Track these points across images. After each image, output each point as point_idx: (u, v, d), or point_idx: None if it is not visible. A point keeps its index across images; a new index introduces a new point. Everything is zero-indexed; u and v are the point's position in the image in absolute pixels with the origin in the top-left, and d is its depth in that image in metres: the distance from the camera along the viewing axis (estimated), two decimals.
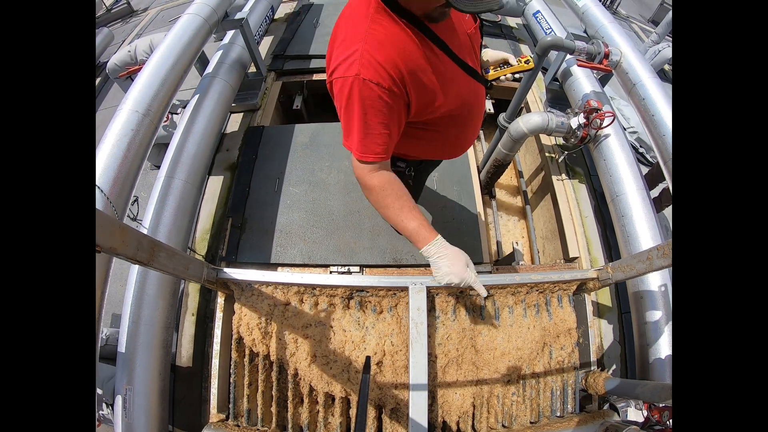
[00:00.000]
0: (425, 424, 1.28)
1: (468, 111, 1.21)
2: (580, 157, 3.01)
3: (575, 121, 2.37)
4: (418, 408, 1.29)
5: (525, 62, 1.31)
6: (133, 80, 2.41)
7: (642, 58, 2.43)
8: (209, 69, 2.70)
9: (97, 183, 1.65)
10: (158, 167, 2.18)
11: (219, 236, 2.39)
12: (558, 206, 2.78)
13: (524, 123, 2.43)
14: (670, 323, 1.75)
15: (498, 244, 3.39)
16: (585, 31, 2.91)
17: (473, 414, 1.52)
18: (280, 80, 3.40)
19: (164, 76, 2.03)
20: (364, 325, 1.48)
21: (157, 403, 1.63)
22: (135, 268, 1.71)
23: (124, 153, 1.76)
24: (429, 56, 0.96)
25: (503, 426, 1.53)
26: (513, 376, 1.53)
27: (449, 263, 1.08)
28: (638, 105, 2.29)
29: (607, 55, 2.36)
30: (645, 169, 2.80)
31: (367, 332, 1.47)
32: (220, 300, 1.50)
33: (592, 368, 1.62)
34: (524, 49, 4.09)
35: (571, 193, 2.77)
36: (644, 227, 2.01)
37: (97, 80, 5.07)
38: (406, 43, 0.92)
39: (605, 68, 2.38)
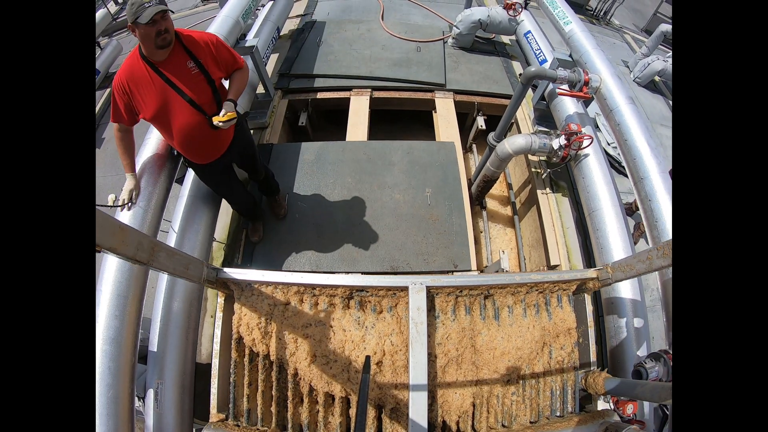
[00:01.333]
0: (425, 423, 1.29)
1: (177, 122, 1.73)
2: (564, 172, 3.21)
3: (557, 143, 2.56)
4: (417, 408, 1.30)
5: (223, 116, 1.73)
6: None
7: (620, 84, 2.60)
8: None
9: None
10: (180, 181, 2.37)
11: (234, 246, 2.59)
12: (542, 217, 3.00)
13: (509, 145, 2.65)
14: (633, 326, 1.96)
15: (489, 251, 3.64)
16: (570, 55, 3.15)
17: (473, 414, 1.51)
18: (286, 98, 3.58)
19: None
20: (364, 324, 1.48)
21: (183, 397, 1.77)
22: (164, 276, 1.91)
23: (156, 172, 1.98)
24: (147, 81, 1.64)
25: (503, 426, 1.52)
26: (513, 376, 1.52)
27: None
28: (614, 129, 2.49)
29: (587, 82, 2.58)
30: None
31: (367, 332, 1.47)
32: (220, 300, 1.51)
33: (592, 368, 1.61)
34: (516, 66, 4.20)
35: (554, 206, 2.99)
36: (617, 240, 2.21)
37: (108, 90, 5.26)
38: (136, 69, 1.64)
39: (584, 95, 2.55)
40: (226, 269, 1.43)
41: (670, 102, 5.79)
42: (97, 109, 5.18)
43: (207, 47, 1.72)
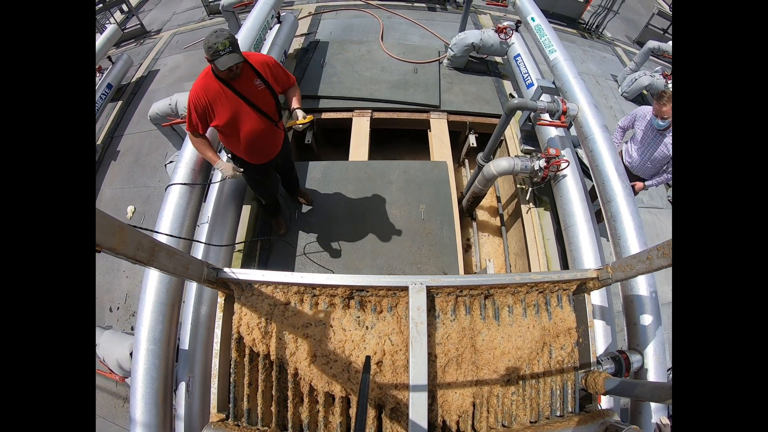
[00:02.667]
0: (425, 423, 1.27)
1: (247, 126, 2.06)
2: (548, 188, 3.53)
3: (537, 165, 2.81)
4: (417, 407, 1.29)
5: (303, 119, 2.18)
6: (175, 130, 2.93)
7: (596, 113, 2.78)
8: None
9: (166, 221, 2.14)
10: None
11: (250, 255, 2.84)
12: (525, 229, 3.29)
13: (494, 167, 2.92)
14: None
15: (478, 258, 3.93)
16: (553, 82, 3.47)
17: (473, 413, 1.50)
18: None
19: None
20: (365, 324, 1.47)
21: (210, 389, 2.11)
22: (193, 285, 2.10)
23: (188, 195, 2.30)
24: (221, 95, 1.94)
25: (503, 425, 1.51)
26: (513, 376, 1.51)
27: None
28: (588, 154, 2.71)
29: (564, 112, 2.87)
30: None
31: (367, 332, 1.46)
32: (220, 300, 1.51)
33: (592, 368, 1.60)
34: (507, 85, 4.45)
35: (536, 219, 3.24)
36: (588, 252, 2.44)
37: (119, 102, 5.56)
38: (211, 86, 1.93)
39: (562, 124, 2.78)
40: (226, 269, 1.44)
41: None
42: (110, 121, 5.46)
43: (269, 68, 2.05)
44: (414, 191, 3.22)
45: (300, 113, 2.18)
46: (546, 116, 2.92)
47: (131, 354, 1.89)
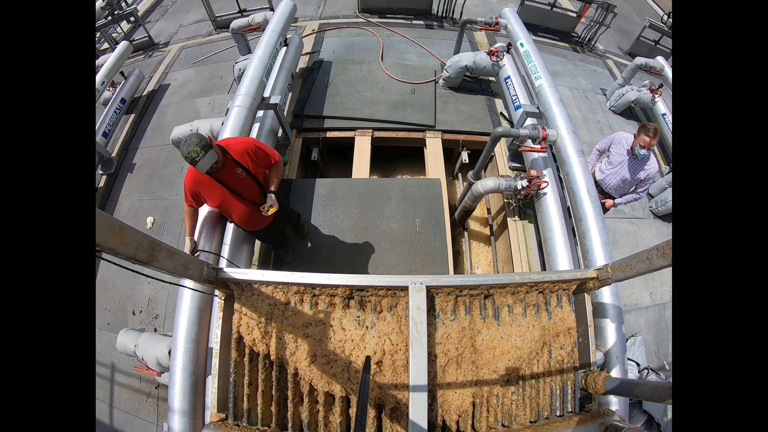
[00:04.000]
0: (425, 423, 1.27)
1: (236, 213, 2.31)
2: (532, 203, 3.94)
3: (520, 184, 3.13)
4: (417, 407, 1.29)
5: (272, 208, 2.27)
6: None
7: (573, 139, 3.05)
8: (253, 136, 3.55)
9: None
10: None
11: (265, 263, 3.17)
12: (510, 239, 3.66)
13: (481, 185, 3.29)
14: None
15: (469, 265, 4.29)
16: (538, 107, 3.83)
17: (473, 413, 1.50)
18: (300, 136, 4.15)
19: None
20: (365, 324, 1.47)
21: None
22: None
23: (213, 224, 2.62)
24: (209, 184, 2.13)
25: (503, 425, 1.51)
26: (512, 376, 1.51)
27: None
28: (564, 177, 3.00)
29: (545, 138, 3.22)
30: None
31: (367, 331, 1.46)
32: (220, 300, 1.51)
33: (591, 368, 1.61)
34: (498, 103, 4.75)
35: (520, 230, 3.60)
36: (565, 264, 2.70)
37: (132, 116, 5.88)
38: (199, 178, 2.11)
39: (541, 150, 3.11)
40: (226, 269, 1.45)
41: None
42: (123, 133, 5.76)
43: (249, 155, 2.20)
44: (410, 206, 3.53)
45: (269, 201, 2.28)
46: (529, 141, 3.29)
47: (169, 352, 2.23)
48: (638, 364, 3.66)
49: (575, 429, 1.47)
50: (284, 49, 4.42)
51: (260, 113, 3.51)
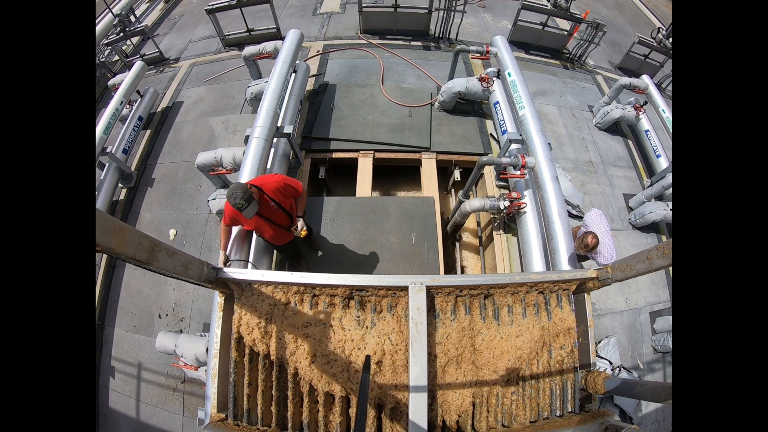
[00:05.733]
0: (425, 423, 1.28)
1: (267, 233, 2.79)
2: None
3: (502, 204, 3.65)
4: (417, 407, 1.29)
5: (300, 231, 2.84)
6: (221, 179, 3.76)
7: (550, 165, 3.38)
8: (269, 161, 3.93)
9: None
10: None
11: (280, 269, 3.52)
12: (494, 251, 4.15)
13: (469, 205, 3.77)
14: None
15: (459, 273, 4.84)
16: (520, 135, 4.27)
17: (473, 413, 1.51)
18: (308, 157, 4.59)
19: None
20: (364, 324, 1.48)
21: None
22: None
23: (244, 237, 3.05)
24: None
25: (503, 425, 1.52)
26: (512, 376, 1.52)
27: None
28: (540, 200, 3.29)
29: (524, 165, 3.57)
30: (573, 221, 3.63)
31: (367, 331, 1.47)
32: (219, 300, 1.53)
33: (591, 368, 1.62)
34: (489, 124, 5.16)
35: (504, 243, 4.09)
36: None
37: (148, 131, 6.29)
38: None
39: (521, 176, 3.55)
40: (226, 269, 1.46)
41: (629, 142, 6.94)
42: (141, 149, 6.00)
43: (280, 191, 2.64)
44: (407, 222, 3.96)
45: (300, 224, 2.84)
46: (511, 168, 3.79)
47: (207, 349, 2.71)
48: (611, 363, 4.12)
49: (575, 429, 1.46)
50: (293, 75, 4.76)
51: (274, 139, 4.01)
